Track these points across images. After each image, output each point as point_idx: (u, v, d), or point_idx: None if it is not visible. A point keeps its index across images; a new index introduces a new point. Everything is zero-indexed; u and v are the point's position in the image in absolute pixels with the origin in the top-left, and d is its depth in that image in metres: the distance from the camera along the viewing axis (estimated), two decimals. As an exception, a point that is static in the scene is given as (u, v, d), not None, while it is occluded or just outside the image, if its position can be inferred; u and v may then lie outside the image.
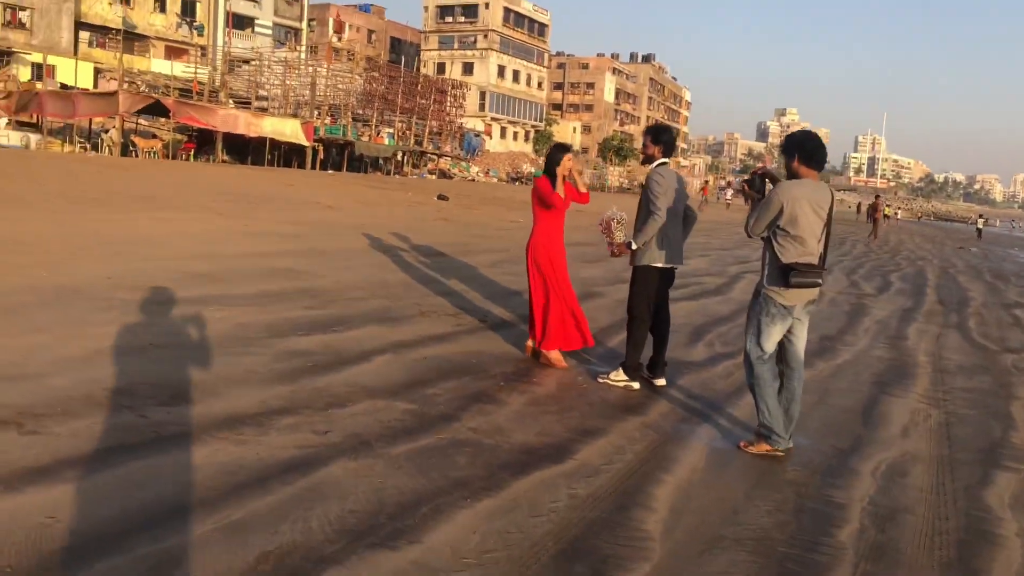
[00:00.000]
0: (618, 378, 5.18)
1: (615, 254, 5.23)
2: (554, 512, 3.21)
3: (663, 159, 5.11)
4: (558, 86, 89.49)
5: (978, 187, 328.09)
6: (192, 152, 32.03)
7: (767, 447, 4.15)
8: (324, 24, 62.02)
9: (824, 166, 4.16)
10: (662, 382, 5.30)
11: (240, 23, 47.96)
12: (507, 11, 68.71)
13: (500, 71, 68.78)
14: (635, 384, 5.15)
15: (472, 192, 28.26)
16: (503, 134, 67.00)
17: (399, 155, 43.81)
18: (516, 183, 48.47)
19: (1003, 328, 9.66)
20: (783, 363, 4.28)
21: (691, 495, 3.55)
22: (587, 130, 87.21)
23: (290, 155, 36.15)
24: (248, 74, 42.44)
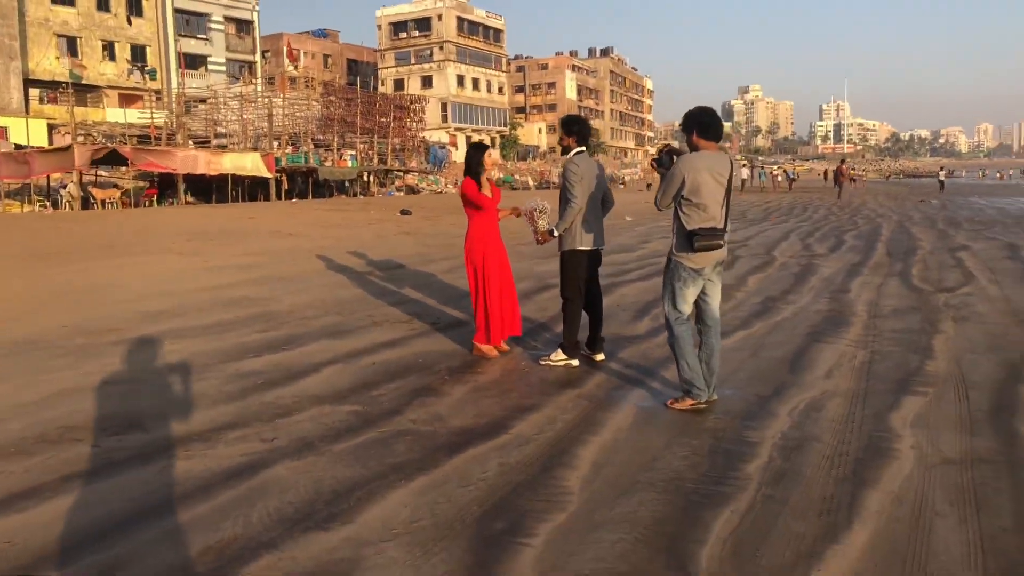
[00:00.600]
0: (557, 358, 5.45)
1: (540, 241, 5.51)
2: (483, 481, 3.47)
3: (579, 148, 5.39)
4: (520, 89, 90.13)
5: (943, 141, 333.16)
6: (155, 197, 32.02)
7: (691, 401, 4.44)
8: (279, 54, 62.12)
9: (721, 136, 4.46)
10: (601, 357, 5.57)
11: (193, 63, 47.92)
12: (460, 20, 69.08)
13: (459, 80, 69.12)
14: (574, 362, 5.42)
15: (437, 204, 28.50)
16: (469, 143, 67.42)
17: (364, 176, 43.99)
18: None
19: (943, 270, 10.04)
20: (700, 322, 4.57)
21: (615, 450, 3.82)
22: (552, 130, 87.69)
23: (255, 189, 36.19)
24: (205, 112, 42.45)
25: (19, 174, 27.52)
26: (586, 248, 5.37)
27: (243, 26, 51.59)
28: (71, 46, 41.80)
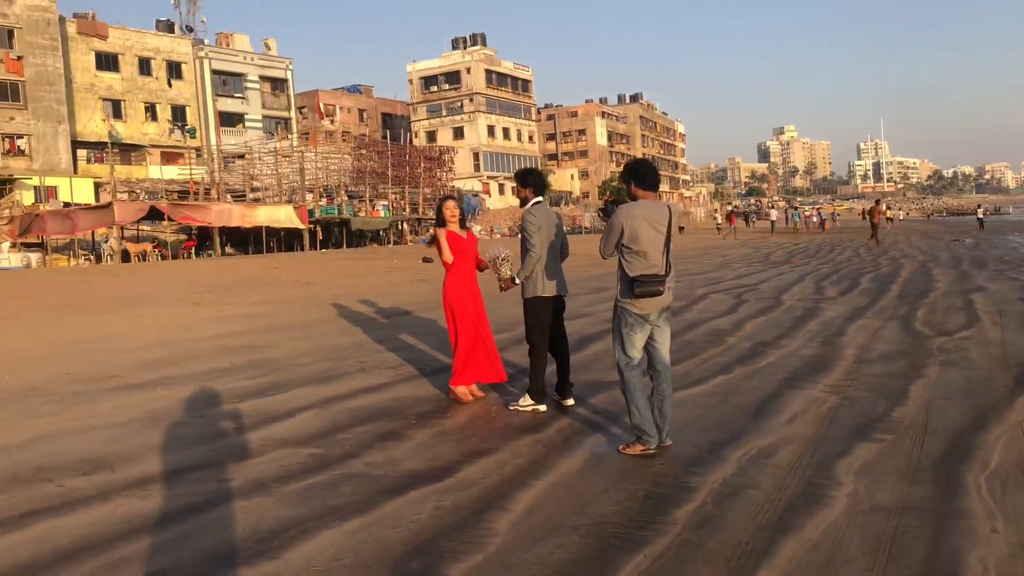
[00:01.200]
0: (525, 403, 5.55)
1: (503, 288, 5.68)
2: (415, 523, 3.57)
3: (536, 199, 5.59)
4: (550, 136, 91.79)
5: (988, 177, 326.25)
6: (193, 249, 33.25)
7: (641, 447, 4.49)
8: (315, 110, 64.55)
9: (658, 187, 4.64)
10: (570, 402, 5.66)
11: (230, 120, 50.11)
12: (488, 73, 71.02)
13: (490, 130, 70.67)
14: (542, 407, 5.52)
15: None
16: (501, 191, 68.40)
17: (399, 224, 44.99)
18: (518, 236, 49.29)
19: (949, 313, 9.88)
20: (651, 368, 4.65)
21: (551, 495, 3.89)
22: (584, 175, 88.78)
23: (291, 239, 37.37)
24: (242, 168, 44.17)
25: (64, 229, 28.96)
26: (549, 295, 5.51)
27: (278, 84, 53.86)
28: (116, 109, 44.20)
